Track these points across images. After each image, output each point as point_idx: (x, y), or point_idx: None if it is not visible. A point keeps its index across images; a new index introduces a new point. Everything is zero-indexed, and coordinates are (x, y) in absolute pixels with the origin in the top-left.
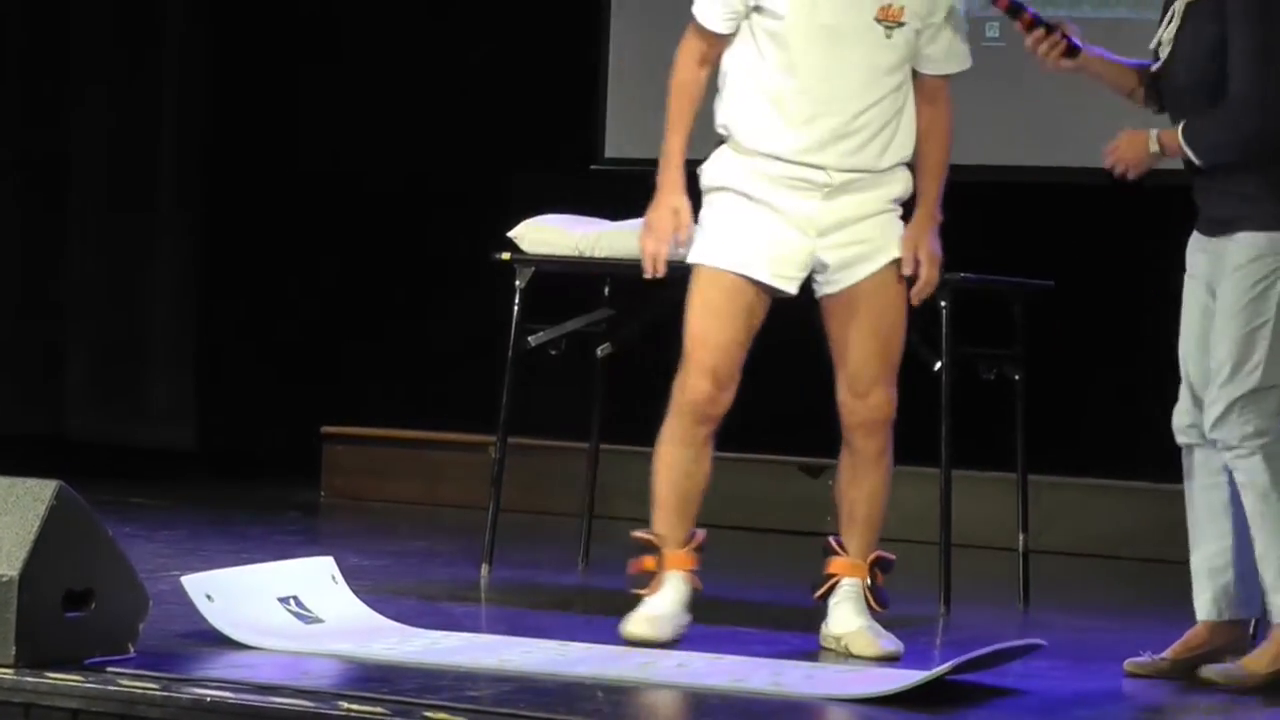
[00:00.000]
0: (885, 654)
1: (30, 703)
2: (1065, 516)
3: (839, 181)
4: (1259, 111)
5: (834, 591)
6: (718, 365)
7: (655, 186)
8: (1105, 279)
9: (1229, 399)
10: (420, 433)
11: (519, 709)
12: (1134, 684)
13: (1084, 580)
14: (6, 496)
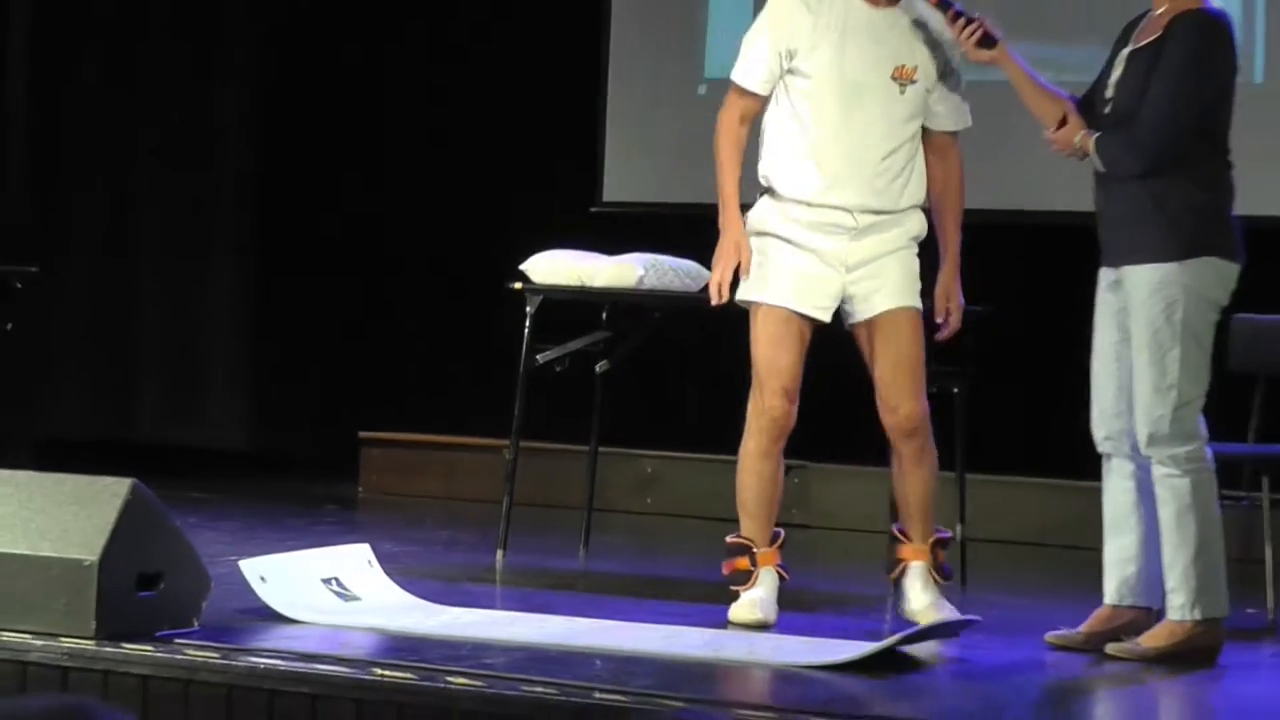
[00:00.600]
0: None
1: (108, 670)
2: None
3: (864, 224)
4: (1158, 138)
5: (905, 574)
6: (787, 385)
7: (719, 228)
8: (1032, 306)
9: (1155, 420)
10: (444, 437)
11: (528, 675)
12: (1054, 654)
13: (1013, 565)
14: (87, 492)
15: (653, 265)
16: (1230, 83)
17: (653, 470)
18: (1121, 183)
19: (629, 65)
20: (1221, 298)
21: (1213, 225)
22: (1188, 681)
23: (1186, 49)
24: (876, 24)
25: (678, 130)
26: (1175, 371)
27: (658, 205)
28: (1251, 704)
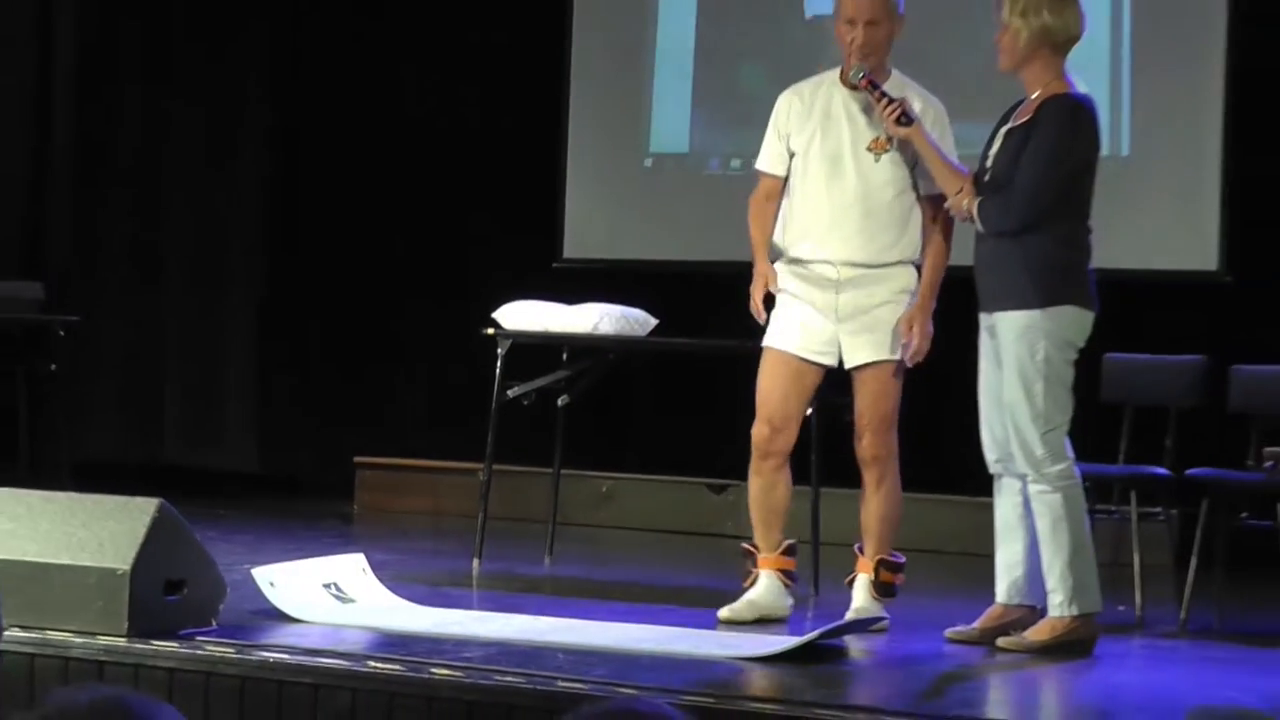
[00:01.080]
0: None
1: (138, 664)
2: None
3: (846, 276)
4: (1027, 204)
5: (854, 582)
6: (772, 415)
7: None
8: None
9: (1030, 447)
10: (428, 461)
11: (501, 666)
12: (952, 647)
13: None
14: (120, 510)
15: (606, 313)
16: (1092, 158)
17: (607, 489)
18: (996, 240)
19: (585, 142)
20: (1078, 340)
21: (1071, 278)
22: (1067, 669)
23: (1054, 129)
24: (854, 106)
25: (627, 197)
26: (1041, 403)
27: (610, 261)
28: (1122, 689)
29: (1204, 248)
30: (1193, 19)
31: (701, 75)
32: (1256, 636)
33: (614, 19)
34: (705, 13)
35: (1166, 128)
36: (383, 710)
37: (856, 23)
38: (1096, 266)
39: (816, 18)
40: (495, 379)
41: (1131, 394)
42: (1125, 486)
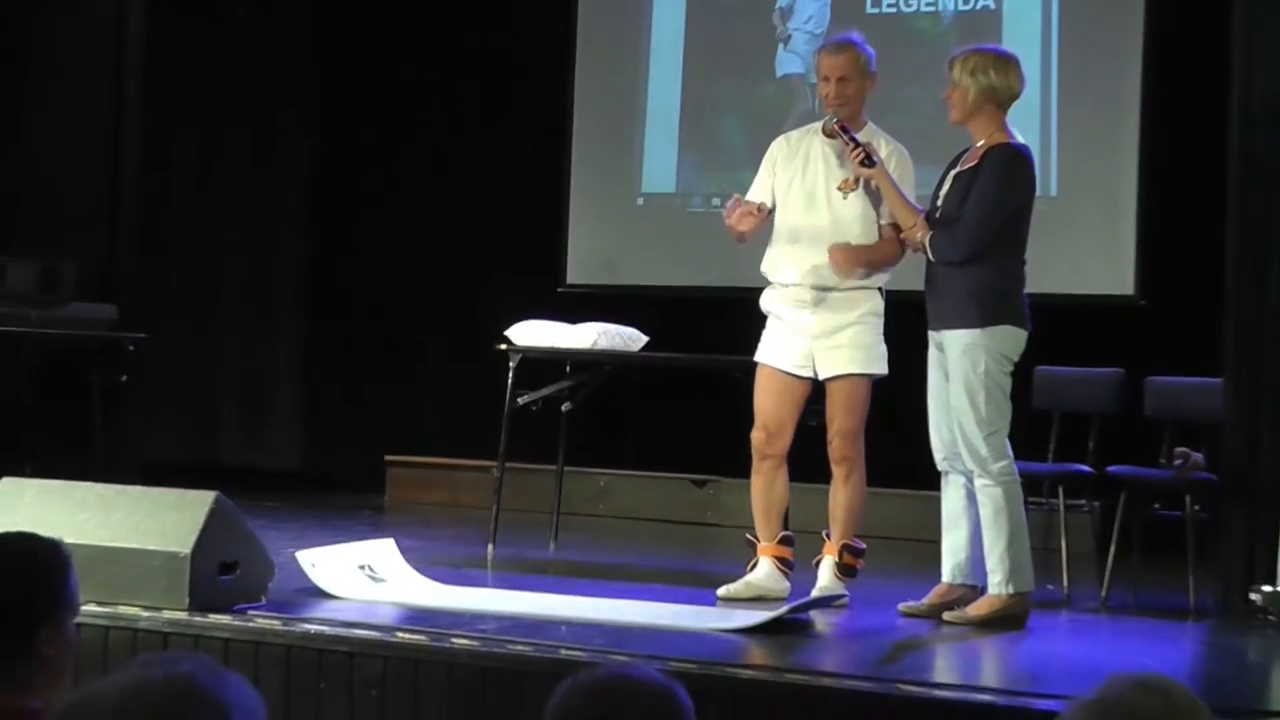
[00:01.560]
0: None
1: (197, 635)
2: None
3: (818, 299)
4: (971, 238)
5: (820, 564)
6: (767, 422)
7: None
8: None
9: (975, 447)
10: (449, 459)
11: (512, 637)
12: (904, 620)
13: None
14: (181, 501)
15: (603, 331)
16: (1029, 199)
17: (604, 484)
18: (944, 268)
19: (585, 183)
20: (1014, 355)
21: (1008, 302)
22: (1004, 639)
23: (997, 174)
24: (829, 152)
25: (622, 231)
26: (984, 409)
27: (607, 286)
28: (1050, 656)
29: (1121, 276)
30: (1111, 80)
31: (686, 126)
32: (1166, 611)
33: (610, 77)
34: (689, 72)
35: (1089, 173)
36: (410, 675)
37: (830, 79)
38: (1030, 291)
39: (785, 77)
40: (507, 388)
41: (1059, 402)
42: (1054, 482)
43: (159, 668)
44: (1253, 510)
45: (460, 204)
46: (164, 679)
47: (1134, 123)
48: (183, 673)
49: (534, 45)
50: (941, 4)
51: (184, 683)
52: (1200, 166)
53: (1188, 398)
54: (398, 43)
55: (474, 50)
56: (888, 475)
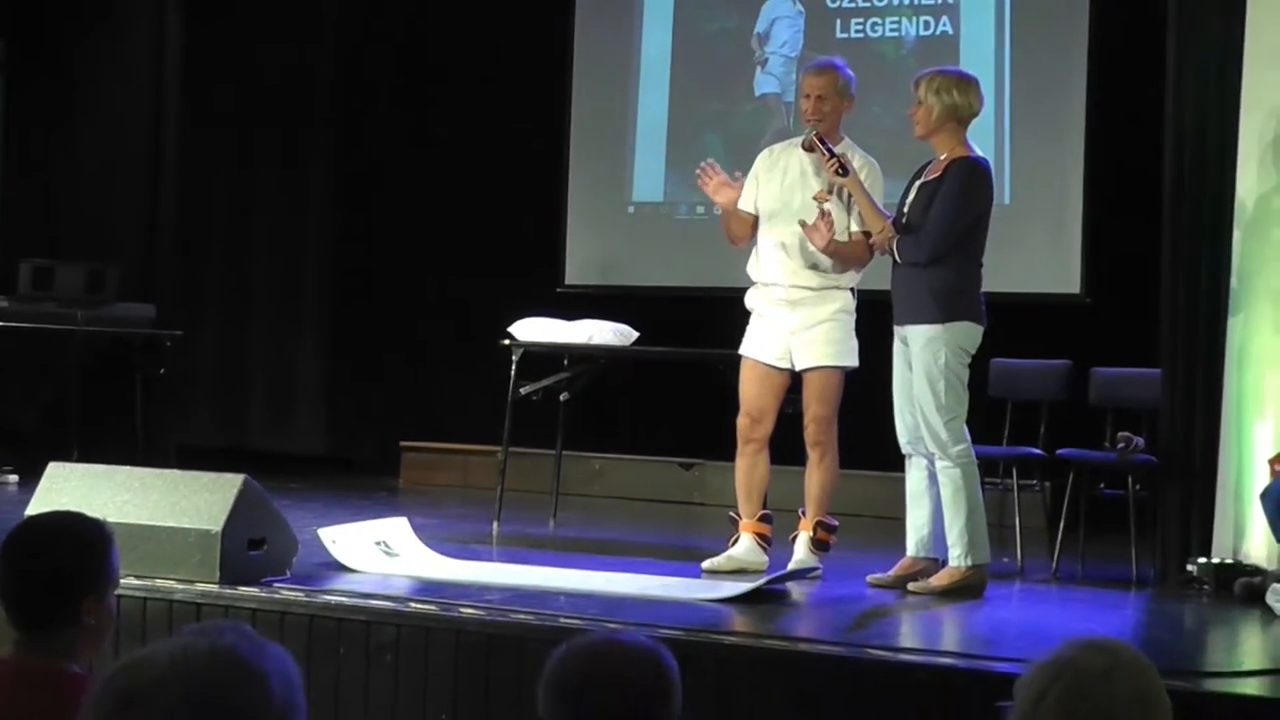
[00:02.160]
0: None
1: (228, 605)
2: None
3: (795, 297)
4: (934, 242)
5: (796, 539)
6: (750, 409)
7: None
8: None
9: (936, 432)
10: (458, 445)
11: (515, 606)
12: (872, 590)
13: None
14: (214, 483)
15: (598, 328)
16: (987, 208)
17: (599, 467)
18: (909, 269)
19: (582, 193)
20: (972, 348)
21: (966, 300)
22: (963, 607)
23: (957, 184)
24: (807, 165)
25: (616, 236)
26: (944, 398)
27: (602, 287)
28: (1005, 623)
29: (1069, 276)
30: (1058, 99)
31: (672, 141)
32: (1110, 582)
33: (603, 97)
34: (675, 92)
35: (1039, 182)
36: (421, 641)
37: (811, 96)
38: (986, 290)
39: (763, 96)
40: (510, 380)
41: (1013, 391)
42: (1008, 464)
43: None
44: (1188, 489)
45: (470, 212)
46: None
47: (1079, 138)
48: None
49: (535, 67)
50: (904, 30)
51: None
52: (1139, 177)
53: (1129, 387)
54: (416, 64)
55: (482, 72)
56: (857, 458)
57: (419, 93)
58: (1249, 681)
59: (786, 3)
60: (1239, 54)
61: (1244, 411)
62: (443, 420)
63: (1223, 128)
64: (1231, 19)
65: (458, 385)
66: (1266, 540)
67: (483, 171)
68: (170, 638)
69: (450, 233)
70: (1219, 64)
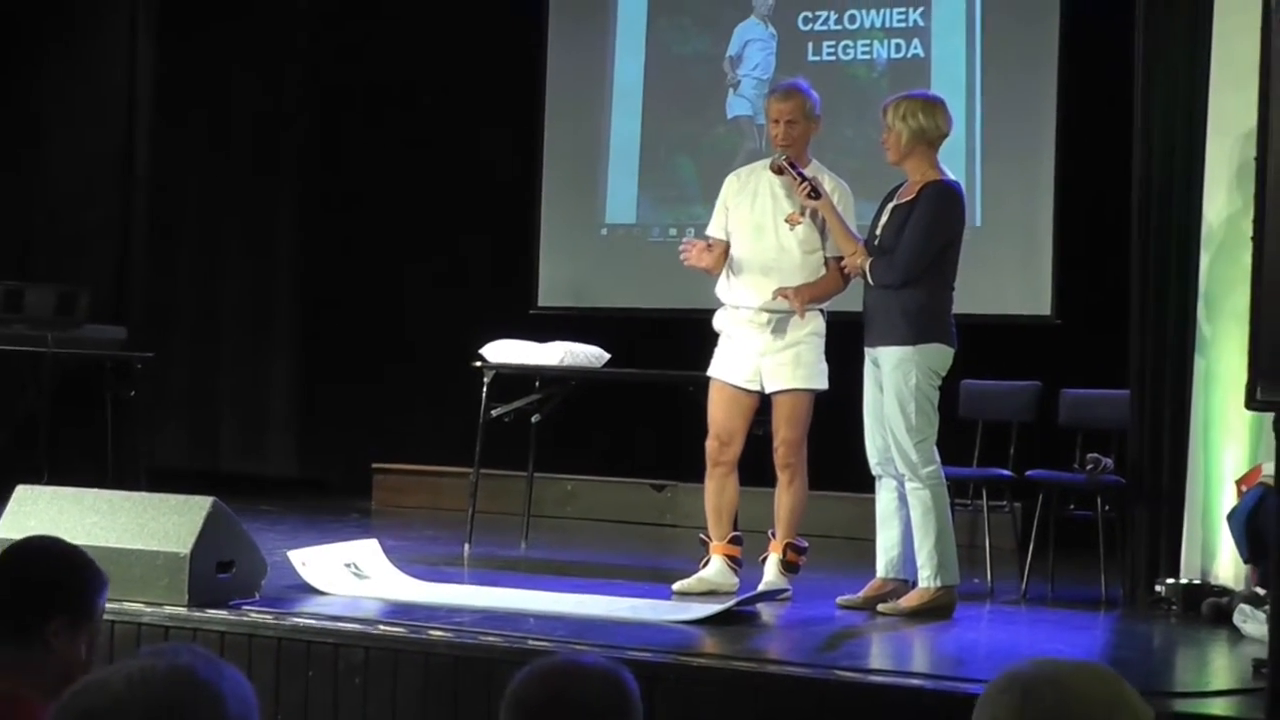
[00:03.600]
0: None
1: (196, 628)
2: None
3: (765, 320)
4: (907, 265)
5: (766, 561)
6: (719, 431)
7: None
8: (835, 374)
9: (906, 453)
10: (430, 466)
11: (484, 629)
12: (842, 612)
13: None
14: (182, 506)
15: (569, 350)
16: (959, 232)
17: (571, 489)
18: (881, 291)
19: (555, 215)
20: (942, 370)
21: (937, 322)
22: (932, 628)
23: (930, 208)
24: (777, 187)
25: (588, 258)
26: (914, 419)
27: (574, 309)
28: (975, 643)
29: (1039, 298)
30: (1029, 122)
31: (645, 163)
32: (1079, 602)
33: (576, 120)
34: (648, 114)
35: (1010, 205)
36: (390, 663)
37: (779, 122)
38: (956, 312)
39: (735, 119)
40: (482, 401)
41: (982, 412)
42: (978, 485)
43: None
44: (1156, 510)
45: (443, 235)
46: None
47: (1050, 160)
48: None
49: (508, 89)
50: (875, 53)
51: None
52: (1109, 199)
53: (1098, 408)
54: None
55: (454, 94)
56: (827, 479)
57: (391, 116)
58: (1216, 701)
59: (759, 26)
60: (1206, 77)
61: (1211, 433)
62: (414, 442)
63: (1190, 151)
64: (1198, 42)
65: (429, 407)
66: (1234, 561)
67: (455, 194)
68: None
69: (422, 255)
70: (1186, 87)
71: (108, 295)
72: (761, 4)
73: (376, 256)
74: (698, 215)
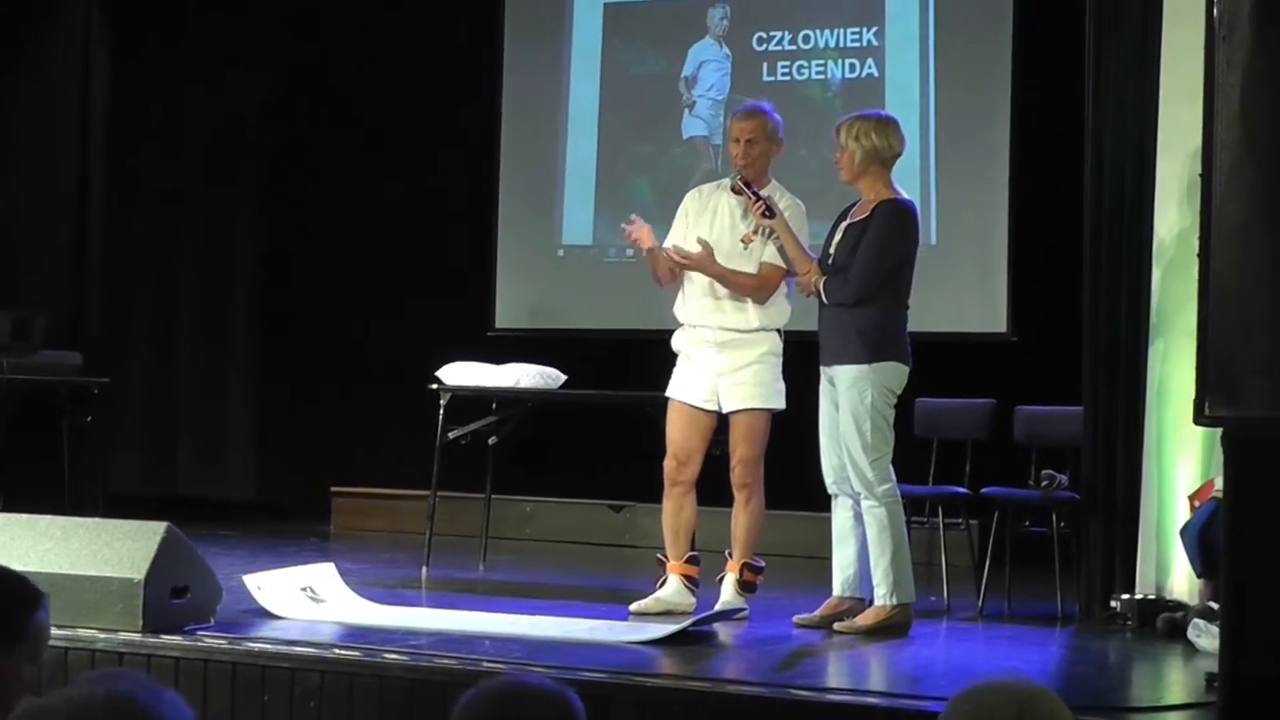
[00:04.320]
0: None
1: (150, 654)
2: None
3: (722, 339)
4: (862, 283)
5: (723, 580)
6: (677, 451)
7: None
8: (791, 393)
9: (862, 472)
10: (387, 489)
11: (440, 651)
12: (798, 630)
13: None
14: (136, 531)
15: (526, 371)
16: (913, 251)
17: (529, 510)
18: (836, 310)
19: (511, 237)
20: (897, 388)
21: (892, 341)
22: (889, 646)
23: (884, 226)
24: (735, 207)
25: (545, 280)
26: (870, 437)
27: (531, 330)
28: (931, 661)
29: (994, 315)
30: (983, 141)
31: (602, 184)
32: (1035, 619)
33: (533, 141)
34: (604, 135)
35: (964, 223)
36: (345, 687)
37: (740, 141)
38: (911, 330)
39: (691, 139)
40: (439, 424)
41: (938, 429)
42: (934, 502)
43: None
44: (1111, 526)
45: (399, 257)
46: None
47: (1004, 179)
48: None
49: (464, 111)
50: (830, 73)
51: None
52: (1062, 218)
53: (1052, 425)
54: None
55: (410, 116)
56: (784, 498)
57: (347, 137)
58: (1171, 716)
59: (713, 46)
60: (1156, 95)
61: (1165, 448)
62: (372, 465)
63: (1141, 168)
64: (1148, 60)
65: (387, 430)
66: (1188, 576)
67: (411, 216)
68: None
69: (379, 277)
70: (1137, 105)
71: (64, 321)
72: (716, 25)
73: (334, 279)
74: (655, 235)
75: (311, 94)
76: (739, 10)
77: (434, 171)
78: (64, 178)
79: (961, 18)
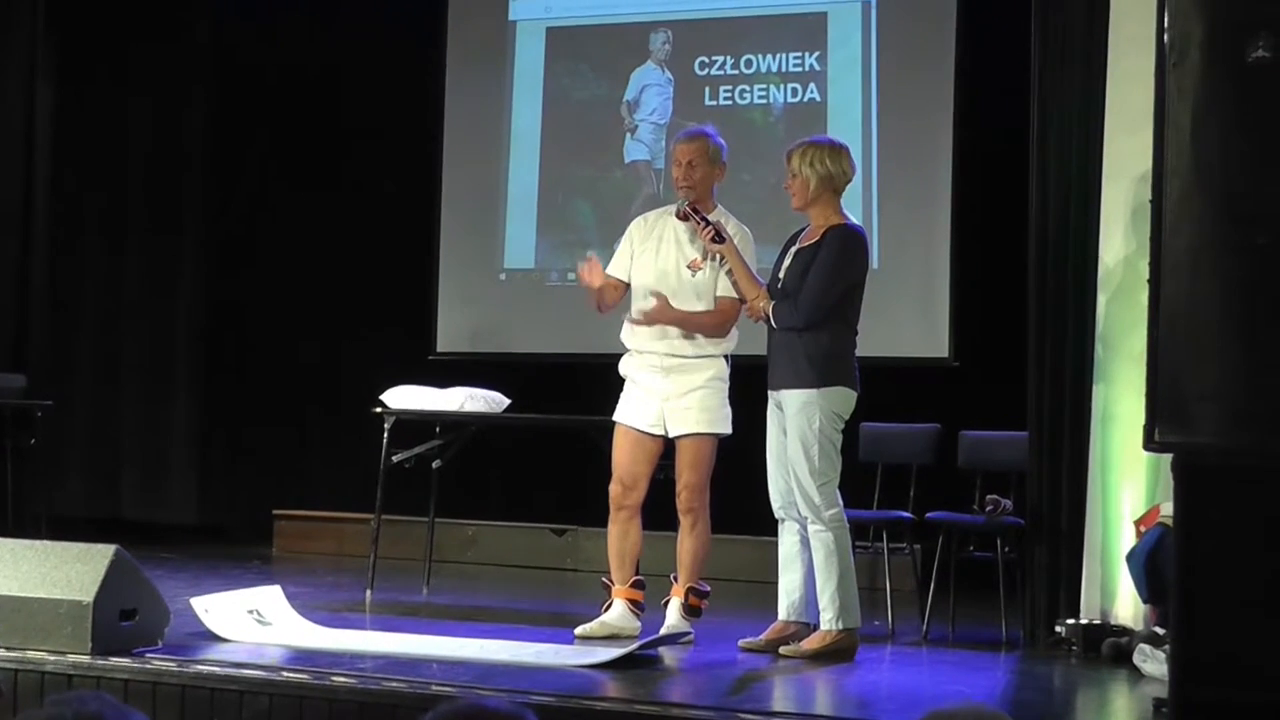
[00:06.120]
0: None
1: (99, 676)
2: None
3: (669, 365)
4: (811, 308)
5: (668, 605)
6: (623, 476)
7: None
8: (738, 418)
9: (809, 496)
10: (331, 513)
11: (387, 674)
12: (744, 654)
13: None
14: (85, 554)
15: (469, 395)
16: (863, 275)
17: (473, 533)
18: (785, 334)
19: (453, 261)
20: (845, 413)
21: (840, 365)
22: (835, 670)
23: (834, 252)
24: (681, 233)
25: (487, 304)
26: (818, 462)
27: (473, 354)
28: (877, 685)
29: (937, 340)
30: (925, 166)
31: (543, 208)
32: (980, 643)
33: (474, 165)
34: (546, 159)
35: (907, 248)
36: (294, 710)
37: (681, 164)
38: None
39: (633, 163)
40: (383, 447)
41: (882, 454)
42: (879, 527)
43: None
44: (1056, 551)
45: (341, 281)
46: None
47: (946, 205)
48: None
49: (406, 134)
50: (772, 97)
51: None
52: (1005, 244)
53: (996, 450)
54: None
55: (353, 140)
56: (730, 523)
57: (290, 161)
58: None
59: (655, 71)
60: (1100, 121)
61: (1109, 473)
62: (316, 488)
63: (1086, 194)
64: (1093, 87)
65: (330, 453)
66: (1133, 601)
67: (353, 240)
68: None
69: (321, 301)
70: (1081, 131)
71: (8, 343)
72: (658, 49)
73: (276, 303)
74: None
75: (255, 119)
76: (681, 35)
77: (375, 196)
78: (9, 202)
79: (904, 42)
